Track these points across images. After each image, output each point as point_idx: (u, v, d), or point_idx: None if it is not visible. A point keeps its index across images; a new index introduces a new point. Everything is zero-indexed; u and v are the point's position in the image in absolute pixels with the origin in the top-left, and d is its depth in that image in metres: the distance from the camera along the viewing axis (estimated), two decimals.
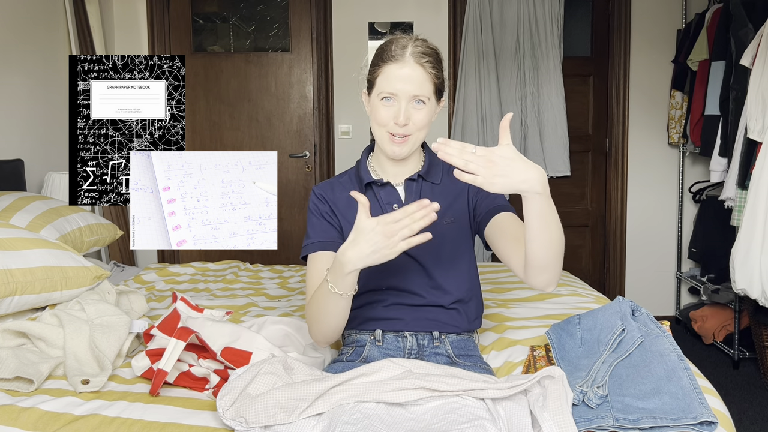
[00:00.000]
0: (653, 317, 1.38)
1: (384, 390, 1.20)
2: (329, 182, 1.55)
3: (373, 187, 1.49)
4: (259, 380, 1.25)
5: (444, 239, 1.46)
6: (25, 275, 1.70)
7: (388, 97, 1.37)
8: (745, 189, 2.75)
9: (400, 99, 1.36)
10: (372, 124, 1.43)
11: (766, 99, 2.61)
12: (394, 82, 1.35)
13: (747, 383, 3.05)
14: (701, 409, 1.14)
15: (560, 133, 3.84)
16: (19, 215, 2.17)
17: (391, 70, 1.36)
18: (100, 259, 3.34)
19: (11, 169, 2.64)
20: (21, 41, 2.88)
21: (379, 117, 1.38)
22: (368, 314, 1.47)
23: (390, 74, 1.36)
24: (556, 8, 3.78)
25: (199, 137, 3.87)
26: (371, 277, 1.44)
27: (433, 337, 1.46)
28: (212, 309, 1.85)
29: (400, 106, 1.36)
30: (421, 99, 1.37)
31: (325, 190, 1.52)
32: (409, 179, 1.48)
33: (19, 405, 1.35)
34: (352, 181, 1.52)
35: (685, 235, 3.95)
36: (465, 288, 1.48)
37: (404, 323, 1.45)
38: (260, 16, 3.87)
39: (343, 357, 1.48)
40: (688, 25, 3.65)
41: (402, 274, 1.45)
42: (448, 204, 1.48)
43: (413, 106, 1.37)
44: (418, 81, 1.36)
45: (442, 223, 1.46)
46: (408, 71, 1.35)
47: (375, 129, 1.43)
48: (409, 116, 1.36)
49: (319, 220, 1.48)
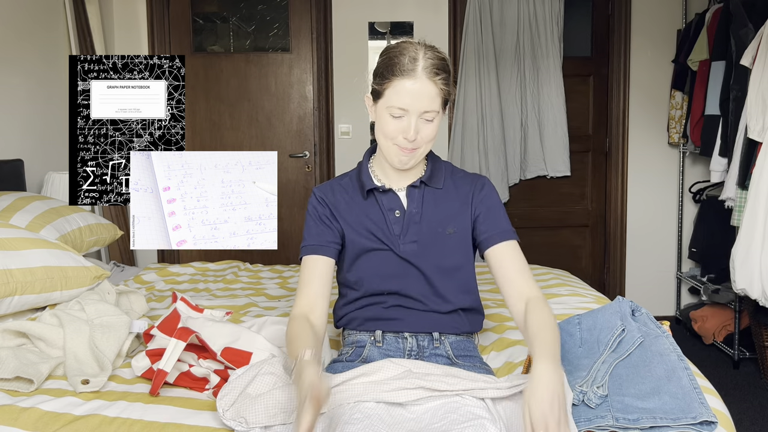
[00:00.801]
0: (653, 317, 1.38)
1: (384, 390, 1.20)
2: (329, 184, 1.53)
3: (375, 192, 1.46)
4: (259, 380, 1.25)
5: (445, 249, 1.45)
6: (25, 275, 1.70)
7: (397, 114, 1.34)
8: (746, 189, 2.74)
9: (411, 115, 1.33)
10: (378, 133, 1.40)
11: (767, 99, 2.61)
12: (405, 98, 1.32)
13: (747, 383, 3.05)
14: (701, 409, 1.14)
15: (560, 133, 3.84)
16: (19, 215, 2.17)
17: (402, 84, 1.31)
18: (100, 259, 3.34)
19: (11, 169, 2.64)
20: (21, 41, 2.88)
21: (387, 130, 1.36)
22: (368, 315, 1.47)
23: (401, 89, 1.31)
24: (556, 8, 3.78)
25: (199, 137, 3.87)
26: (372, 282, 1.44)
27: (433, 338, 1.45)
28: (212, 309, 1.85)
29: (410, 121, 1.33)
30: (430, 115, 1.34)
31: (326, 193, 1.49)
32: (412, 186, 1.46)
33: (19, 405, 1.35)
34: (354, 184, 1.50)
35: (686, 235, 3.95)
36: (466, 297, 1.48)
37: (404, 324, 1.45)
38: (260, 16, 3.87)
39: (343, 357, 1.47)
40: (689, 25, 3.65)
41: (403, 280, 1.44)
42: (452, 211, 1.47)
43: (423, 121, 1.34)
44: (430, 97, 1.32)
45: (444, 233, 1.45)
46: (419, 87, 1.31)
47: (381, 140, 1.40)
48: (418, 131, 1.34)
49: (316, 223, 1.46)
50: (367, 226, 1.45)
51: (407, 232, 1.44)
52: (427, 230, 1.44)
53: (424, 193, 1.47)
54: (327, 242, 1.44)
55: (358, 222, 1.45)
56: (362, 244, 1.45)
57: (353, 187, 1.49)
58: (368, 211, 1.46)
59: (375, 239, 1.44)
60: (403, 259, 1.43)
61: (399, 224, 1.44)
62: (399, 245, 1.43)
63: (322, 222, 1.46)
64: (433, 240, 1.44)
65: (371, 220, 1.45)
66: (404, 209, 1.45)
